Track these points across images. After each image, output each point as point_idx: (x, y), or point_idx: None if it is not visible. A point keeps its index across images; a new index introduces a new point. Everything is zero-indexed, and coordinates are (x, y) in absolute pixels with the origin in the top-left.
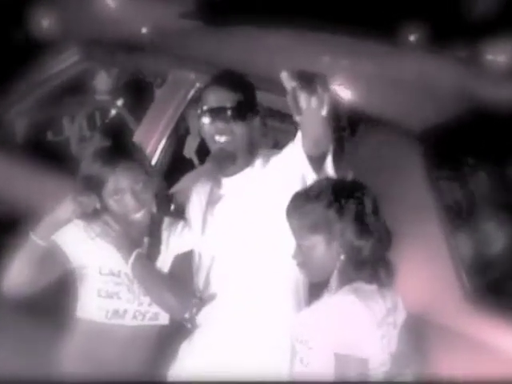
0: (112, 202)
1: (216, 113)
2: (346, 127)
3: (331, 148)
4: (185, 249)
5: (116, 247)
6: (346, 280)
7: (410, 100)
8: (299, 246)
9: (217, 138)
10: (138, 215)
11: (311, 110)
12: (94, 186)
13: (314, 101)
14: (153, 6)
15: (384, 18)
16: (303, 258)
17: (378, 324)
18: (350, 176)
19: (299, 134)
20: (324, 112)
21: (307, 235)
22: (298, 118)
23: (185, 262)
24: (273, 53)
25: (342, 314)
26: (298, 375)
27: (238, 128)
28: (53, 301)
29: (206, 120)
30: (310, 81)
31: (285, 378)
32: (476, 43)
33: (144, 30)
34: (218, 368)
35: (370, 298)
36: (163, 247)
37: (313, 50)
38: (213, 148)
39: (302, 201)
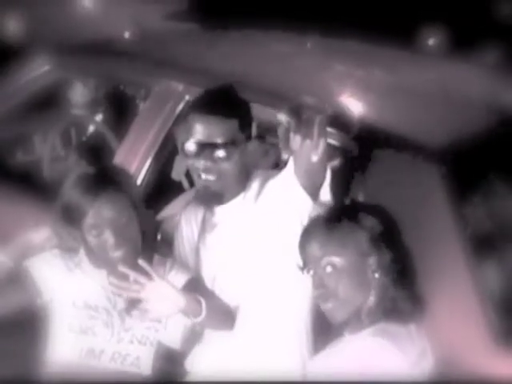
0: (90, 238)
1: (203, 149)
2: (357, 145)
3: (329, 176)
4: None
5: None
6: (374, 314)
7: (430, 113)
8: (322, 274)
9: (203, 175)
10: (118, 254)
11: (303, 153)
12: (72, 216)
13: (307, 145)
14: (137, 6)
15: (399, 21)
16: (328, 285)
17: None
18: (360, 200)
19: (291, 162)
20: (316, 158)
21: (337, 250)
22: (285, 155)
23: None
24: (275, 61)
25: (370, 361)
26: None
27: (227, 165)
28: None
29: (190, 149)
30: (307, 121)
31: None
32: (508, 46)
33: (126, 35)
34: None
35: (401, 341)
36: None
37: (320, 58)
38: (197, 183)
39: (325, 220)
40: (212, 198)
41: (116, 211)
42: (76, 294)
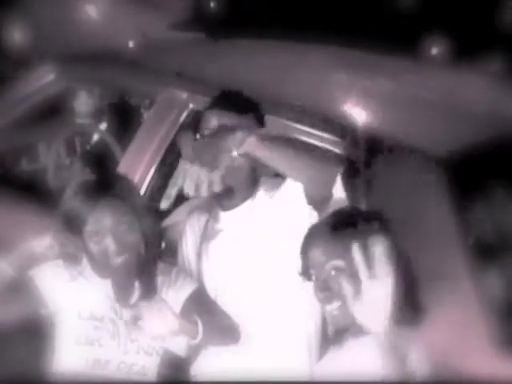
0: (91, 245)
1: None
2: (362, 154)
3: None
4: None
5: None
6: None
7: (433, 122)
8: (326, 277)
9: None
10: (119, 260)
11: None
12: (74, 224)
13: None
14: (141, 15)
15: (403, 30)
16: (333, 287)
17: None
18: (363, 207)
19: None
20: None
21: (341, 253)
22: None
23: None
24: (278, 70)
25: (377, 364)
26: None
27: (241, 159)
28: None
29: None
30: None
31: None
32: (511, 55)
33: (131, 44)
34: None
35: (404, 346)
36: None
37: (325, 67)
38: None
39: (327, 226)
40: (224, 194)
41: (116, 218)
42: (81, 304)
